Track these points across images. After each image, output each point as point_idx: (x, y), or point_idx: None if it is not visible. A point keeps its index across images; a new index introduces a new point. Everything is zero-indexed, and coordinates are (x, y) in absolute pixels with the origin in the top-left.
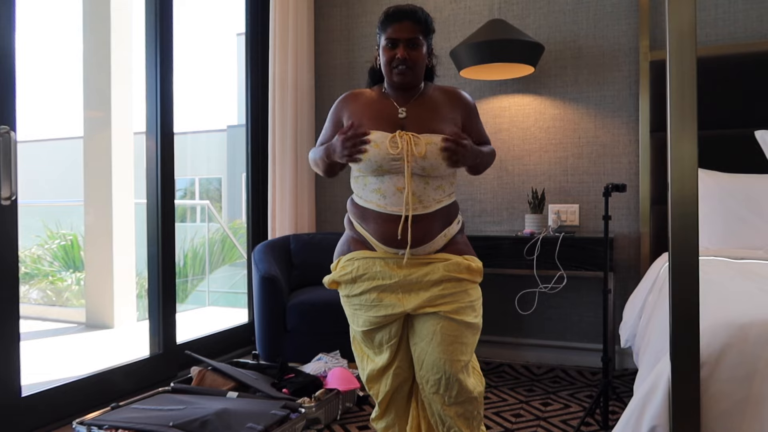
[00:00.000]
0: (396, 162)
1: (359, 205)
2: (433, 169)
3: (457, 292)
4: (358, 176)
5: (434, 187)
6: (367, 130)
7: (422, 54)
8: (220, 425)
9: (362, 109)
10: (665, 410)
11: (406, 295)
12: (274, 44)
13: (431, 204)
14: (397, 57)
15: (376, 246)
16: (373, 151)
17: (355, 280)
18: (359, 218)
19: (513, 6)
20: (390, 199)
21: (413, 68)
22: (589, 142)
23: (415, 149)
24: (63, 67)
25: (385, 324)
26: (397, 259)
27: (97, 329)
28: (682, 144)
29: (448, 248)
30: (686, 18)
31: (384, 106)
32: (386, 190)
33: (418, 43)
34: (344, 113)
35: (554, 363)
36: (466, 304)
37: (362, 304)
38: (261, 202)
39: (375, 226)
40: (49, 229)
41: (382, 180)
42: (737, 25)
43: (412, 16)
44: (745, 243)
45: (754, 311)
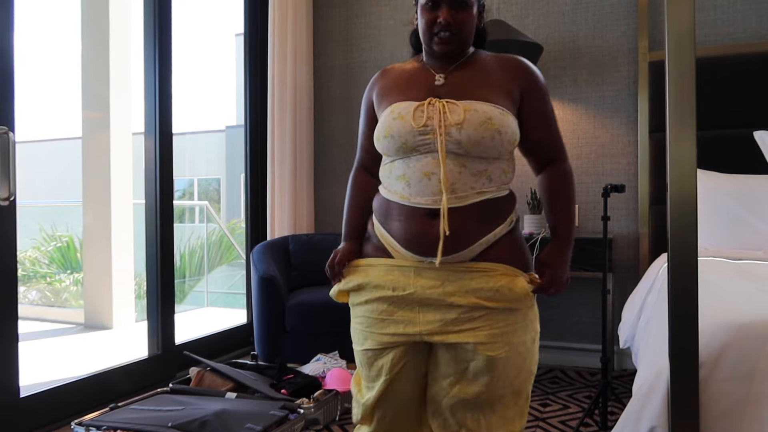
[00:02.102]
0: (425, 137)
1: (384, 197)
2: (474, 145)
3: (494, 316)
4: (387, 162)
5: (473, 172)
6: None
7: (472, 16)
8: (218, 426)
9: (394, 81)
10: (664, 410)
11: (423, 313)
12: (272, 45)
13: (468, 194)
14: (439, 21)
15: (398, 253)
16: (395, 125)
17: (361, 288)
18: (383, 216)
19: (512, 6)
20: (415, 188)
21: (459, 34)
22: (588, 142)
23: (451, 117)
24: (61, 68)
25: (392, 346)
26: (419, 268)
27: (95, 330)
28: (681, 144)
29: (489, 253)
30: (685, 18)
31: (419, 75)
32: (411, 176)
33: (468, 2)
34: (374, 92)
35: (553, 363)
36: (514, 330)
37: (367, 317)
38: (260, 203)
39: (398, 225)
40: (45, 231)
41: (407, 163)
42: (736, 26)
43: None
44: (743, 243)
45: (752, 311)
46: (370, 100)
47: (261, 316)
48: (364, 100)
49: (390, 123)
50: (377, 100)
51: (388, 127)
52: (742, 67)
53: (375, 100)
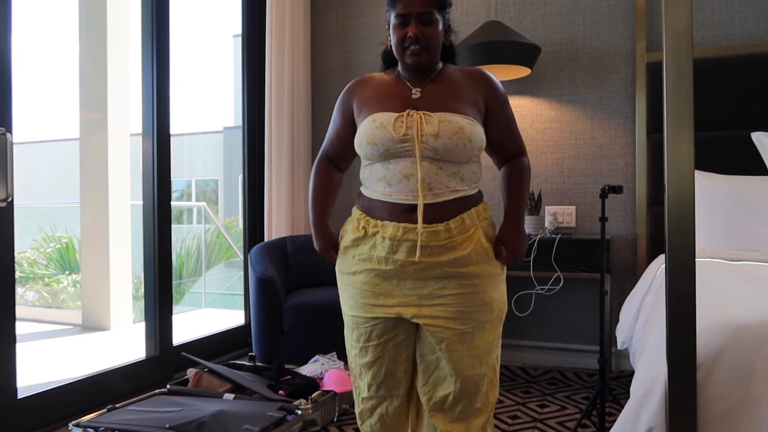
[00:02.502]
0: (404, 144)
1: (366, 195)
2: (448, 151)
3: (466, 294)
4: (366, 164)
5: (449, 174)
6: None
7: (437, 31)
8: (216, 427)
9: (373, 93)
10: (662, 412)
11: (405, 290)
12: (270, 46)
13: (443, 192)
14: (409, 36)
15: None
16: (378, 134)
17: (358, 243)
18: (365, 210)
19: (510, 8)
20: (396, 187)
21: (428, 47)
22: (586, 143)
23: (427, 128)
24: (59, 69)
25: (373, 319)
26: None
27: (93, 331)
28: (678, 145)
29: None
30: (683, 20)
31: (397, 88)
32: (392, 177)
33: (432, 19)
34: (354, 99)
35: (551, 365)
36: (475, 307)
37: (354, 286)
38: (257, 204)
39: (381, 215)
40: (44, 232)
41: (387, 166)
42: (733, 27)
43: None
44: (741, 244)
45: (750, 313)
46: (349, 105)
47: (259, 317)
48: (342, 103)
49: (373, 131)
50: (357, 107)
51: (371, 135)
52: (739, 68)
53: (355, 107)
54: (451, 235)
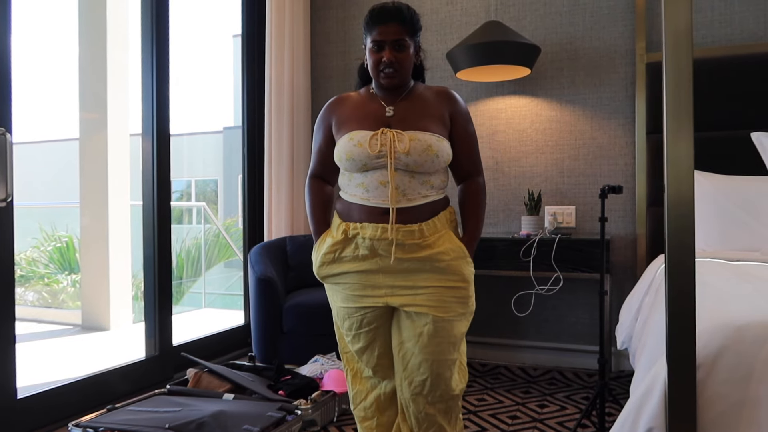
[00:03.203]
0: (380, 159)
1: (345, 200)
2: (418, 166)
3: (447, 288)
4: (344, 173)
5: (420, 182)
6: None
7: (409, 55)
8: (216, 427)
9: (350, 112)
10: (662, 412)
11: (388, 283)
12: (270, 46)
13: (416, 198)
14: (384, 60)
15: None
16: (356, 150)
17: (338, 248)
18: (346, 215)
19: (509, 8)
20: (373, 192)
21: (400, 70)
22: (586, 143)
23: (399, 146)
24: (59, 69)
25: (363, 308)
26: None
27: (93, 331)
28: (678, 145)
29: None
30: (683, 20)
31: (372, 107)
32: (369, 183)
33: (405, 45)
34: (332, 118)
35: (550, 365)
36: (454, 299)
37: (343, 284)
38: (257, 204)
39: (359, 217)
40: (45, 231)
41: (365, 175)
42: (733, 27)
43: (398, 16)
44: (741, 245)
45: (750, 313)
46: (328, 123)
47: (258, 317)
48: (322, 122)
49: (351, 149)
50: (336, 125)
51: (349, 152)
52: (739, 68)
53: (334, 125)
54: (423, 235)
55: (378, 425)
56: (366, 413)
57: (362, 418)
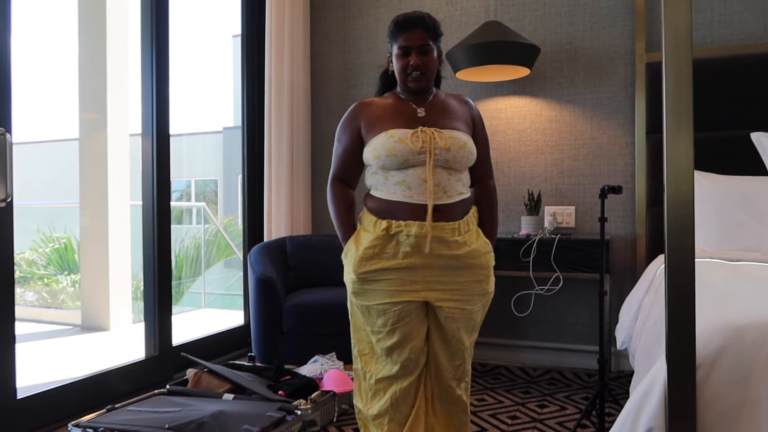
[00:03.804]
0: (421, 155)
1: (381, 198)
2: (456, 162)
3: (475, 281)
4: (378, 171)
5: (456, 179)
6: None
7: (433, 59)
8: (216, 427)
9: (381, 113)
10: (661, 412)
11: (427, 278)
12: (270, 46)
13: (454, 195)
14: (411, 64)
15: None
16: (397, 147)
17: (377, 246)
18: (382, 213)
19: (509, 8)
20: (416, 190)
21: (426, 73)
22: (585, 143)
23: (440, 142)
24: (58, 69)
25: (401, 303)
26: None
27: (92, 331)
28: (678, 146)
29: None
30: (682, 20)
31: (403, 108)
32: (411, 181)
33: (429, 49)
34: (361, 120)
35: (550, 365)
36: (479, 293)
37: (381, 281)
38: (257, 204)
39: (403, 215)
40: (43, 232)
41: (406, 173)
42: (733, 27)
43: (422, 23)
44: (740, 245)
45: (750, 313)
46: (357, 126)
47: (258, 317)
48: (349, 124)
49: (392, 145)
50: (366, 126)
51: (390, 148)
52: (738, 68)
53: (363, 126)
54: (461, 232)
55: (390, 421)
56: (380, 411)
57: (374, 416)
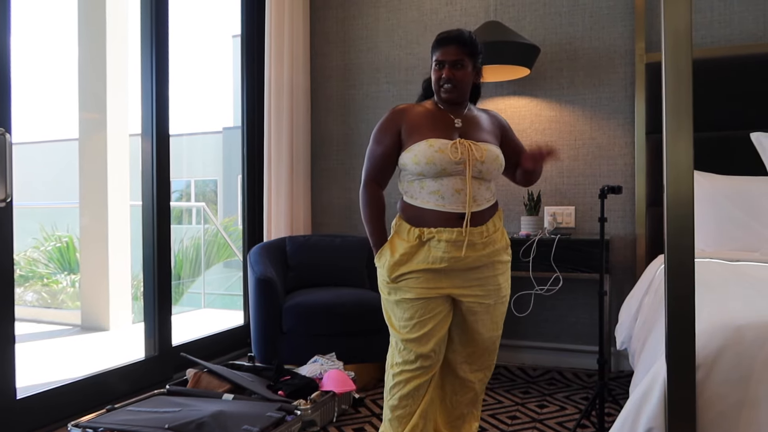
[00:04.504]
0: (458, 166)
1: (415, 206)
2: (488, 173)
3: (493, 276)
4: (414, 180)
5: (485, 188)
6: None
7: (467, 74)
8: (215, 427)
9: (420, 120)
10: (661, 412)
11: (451, 277)
12: (269, 46)
13: (483, 202)
14: (443, 77)
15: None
16: (437, 156)
17: (411, 252)
18: (417, 220)
19: (509, 8)
20: (449, 200)
21: (457, 86)
22: (585, 144)
23: (476, 154)
24: (58, 69)
25: (425, 298)
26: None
27: (92, 331)
28: (677, 146)
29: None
30: (682, 20)
31: (441, 117)
32: (445, 191)
33: (463, 65)
34: (402, 124)
35: (550, 365)
36: (496, 287)
37: (411, 280)
38: (257, 204)
39: (435, 223)
40: (45, 230)
41: (440, 182)
42: (732, 28)
43: (457, 40)
44: (740, 245)
45: (750, 313)
46: (397, 129)
47: (258, 317)
48: (390, 127)
49: (432, 154)
50: (407, 131)
51: (430, 157)
52: (738, 68)
53: (404, 130)
54: (489, 233)
55: (409, 413)
56: (400, 402)
57: (394, 407)
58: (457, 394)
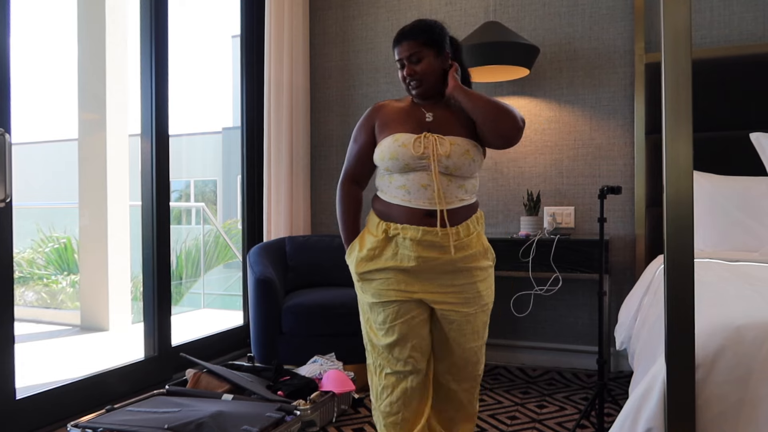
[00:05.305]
0: (422, 161)
1: (384, 201)
2: (456, 169)
3: (471, 283)
4: (384, 174)
5: (457, 186)
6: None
7: (429, 64)
8: (215, 427)
9: (393, 115)
10: (661, 412)
11: (422, 280)
12: (269, 46)
13: (454, 201)
14: (405, 75)
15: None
16: (400, 151)
17: (378, 247)
18: (385, 215)
19: (508, 8)
20: (415, 194)
21: (422, 80)
22: (585, 144)
23: (440, 149)
24: (58, 69)
25: (397, 301)
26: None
27: (91, 332)
28: (677, 146)
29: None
30: (681, 20)
31: (413, 112)
32: (411, 186)
33: (421, 57)
34: (376, 120)
35: (549, 365)
36: (476, 295)
37: (380, 280)
38: (256, 205)
39: (401, 218)
40: (43, 232)
41: (407, 177)
42: (732, 28)
43: (410, 34)
44: (740, 245)
45: (749, 313)
46: (372, 126)
47: (257, 317)
48: (366, 124)
49: (396, 149)
50: (379, 127)
51: (393, 152)
52: (738, 69)
53: (377, 127)
54: (460, 237)
55: (404, 419)
56: (392, 408)
57: (387, 413)
58: (441, 402)
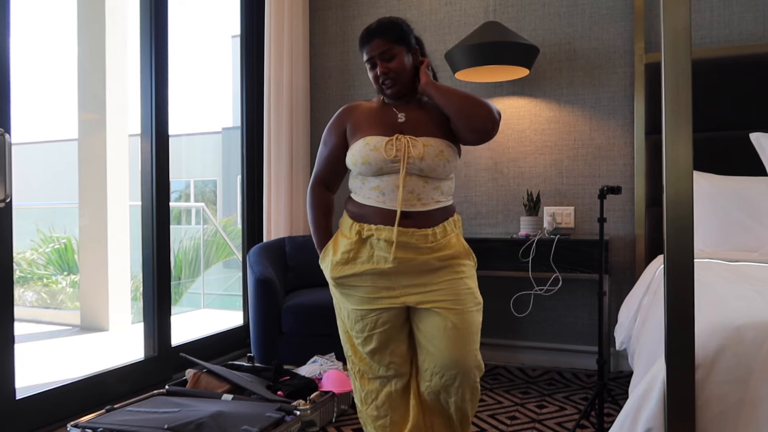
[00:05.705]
0: (394, 164)
1: (358, 202)
2: (431, 170)
3: (457, 279)
4: (357, 176)
5: (433, 187)
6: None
7: (401, 62)
8: (215, 428)
9: (364, 118)
10: (660, 412)
11: (403, 283)
12: (269, 46)
13: (429, 203)
14: (379, 74)
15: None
16: (372, 155)
17: (352, 250)
18: (359, 217)
19: (508, 8)
20: (389, 196)
21: (396, 78)
22: (585, 144)
23: (413, 151)
24: (58, 69)
25: (377, 309)
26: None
27: (91, 332)
28: (677, 146)
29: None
30: (681, 20)
31: (384, 113)
32: (385, 187)
33: (393, 54)
34: (347, 123)
35: (549, 365)
36: (466, 292)
37: (357, 286)
38: (256, 204)
39: (375, 219)
40: (43, 232)
41: (381, 179)
42: (732, 28)
43: (378, 33)
44: (740, 245)
45: (749, 313)
46: (343, 129)
47: (257, 317)
48: (336, 127)
49: (367, 153)
50: (351, 131)
51: (365, 156)
52: (737, 69)
53: (348, 130)
54: (437, 238)
55: (392, 423)
56: (379, 412)
57: (375, 417)
58: (426, 415)
